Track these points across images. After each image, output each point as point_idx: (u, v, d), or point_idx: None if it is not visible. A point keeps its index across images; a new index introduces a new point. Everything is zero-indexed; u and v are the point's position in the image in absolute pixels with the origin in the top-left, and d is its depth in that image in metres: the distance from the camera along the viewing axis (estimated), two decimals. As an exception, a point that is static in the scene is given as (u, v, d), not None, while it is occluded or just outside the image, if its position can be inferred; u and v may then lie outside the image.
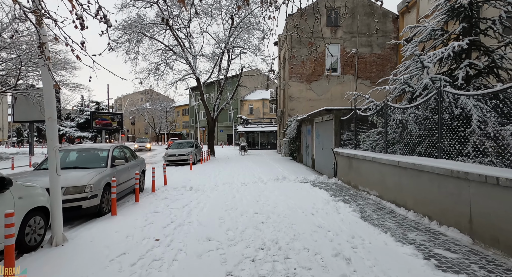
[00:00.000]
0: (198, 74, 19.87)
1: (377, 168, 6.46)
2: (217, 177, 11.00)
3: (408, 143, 5.88)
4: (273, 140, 37.51)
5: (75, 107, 45.47)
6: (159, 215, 5.61)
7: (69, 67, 20.54)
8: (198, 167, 14.39)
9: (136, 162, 7.99)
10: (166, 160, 16.13)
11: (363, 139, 8.06)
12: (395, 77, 6.48)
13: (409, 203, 5.17)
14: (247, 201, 6.68)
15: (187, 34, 19.46)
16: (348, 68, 20.78)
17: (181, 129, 65.58)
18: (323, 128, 11.24)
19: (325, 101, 19.91)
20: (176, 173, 12.55)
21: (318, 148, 12.15)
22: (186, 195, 7.51)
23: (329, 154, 10.41)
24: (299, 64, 20.66)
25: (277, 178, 9.71)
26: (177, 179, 10.46)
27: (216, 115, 20.99)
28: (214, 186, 8.79)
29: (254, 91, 52.99)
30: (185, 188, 8.41)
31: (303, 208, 5.74)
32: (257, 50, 19.27)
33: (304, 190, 7.75)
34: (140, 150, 31.47)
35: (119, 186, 6.55)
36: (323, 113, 10.29)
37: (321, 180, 9.57)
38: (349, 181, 8.39)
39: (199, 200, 6.89)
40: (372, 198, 6.49)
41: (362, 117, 8.16)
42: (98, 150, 6.79)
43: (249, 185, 8.84)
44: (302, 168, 13.51)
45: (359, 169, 7.56)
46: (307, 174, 11.23)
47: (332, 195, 7.02)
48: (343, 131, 9.53)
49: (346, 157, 8.61)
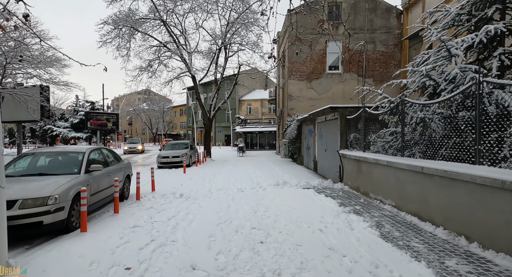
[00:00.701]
0: (193, 72, 18.98)
1: (393, 174, 5.60)
2: (211, 181, 10.11)
3: (431, 145, 5.03)
4: (272, 141, 36.65)
5: (70, 107, 44.41)
6: (138, 230, 4.72)
7: (58, 65, 19.58)
8: (193, 170, 13.50)
9: (119, 167, 7.10)
10: (159, 162, 15.24)
11: (373, 140, 7.20)
12: (415, 69, 5.64)
13: (437, 218, 4.31)
14: (244, 212, 5.81)
15: (182, 30, 18.58)
16: (350, 65, 19.97)
17: (179, 130, 64.64)
18: (327, 128, 10.39)
19: (326, 100, 19.06)
20: (169, 176, 11.67)
21: (321, 149, 11.29)
22: (175, 204, 6.62)
23: (333, 157, 9.56)
24: (299, 61, 19.83)
25: (277, 183, 8.84)
26: (168, 184, 9.58)
27: (212, 114, 20.10)
28: (207, 193, 7.90)
29: (253, 91, 52.17)
30: (174, 195, 7.52)
31: (309, 222, 4.87)
32: (256, 46, 18.41)
33: (308, 198, 6.88)
34: (130, 153, 28.63)
35: (96, 195, 5.66)
36: (327, 111, 9.45)
37: (325, 185, 8.71)
38: (357, 187, 7.52)
39: (188, 211, 6.01)
40: (388, 209, 5.63)
41: (372, 116, 7.31)
42: (71, 154, 5.89)
43: (247, 192, 7.97)
44: (303, 171, 12.65)
45: (370, 174, 6.70)
46: (309, 178, 10.36)
47: (341, 204, 6.15)
48: (350, 131, 8.68)
49: (354, 160, 7.75)
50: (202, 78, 19.66)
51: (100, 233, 4.59)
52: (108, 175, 6.24)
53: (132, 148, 28.84)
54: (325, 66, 20.02)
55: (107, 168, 6.41)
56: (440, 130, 4.92)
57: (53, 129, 39.20)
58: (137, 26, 16.29)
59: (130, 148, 28.83)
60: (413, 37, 16.87)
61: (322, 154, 11.01)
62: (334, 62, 20.18)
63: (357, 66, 20.02)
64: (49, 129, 39.24)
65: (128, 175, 7.68)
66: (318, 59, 19.94)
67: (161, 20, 16.93)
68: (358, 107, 8.70)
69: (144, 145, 32.09)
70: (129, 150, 28.55)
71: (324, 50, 19.91)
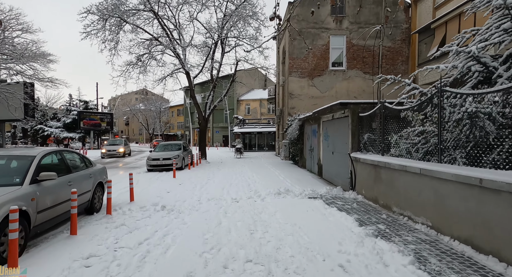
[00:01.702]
0: (188, 68, 17.73)
1: (429, 185, 4.37)
2: (203, 188, 8.86)
3: (484, 148, 3.80)
4: (271, 142, 35.41)
5: (63, 106, 43.06)
6: (93, 264, 3.47)
7: (43, 60, 18.29)
8: (184, 174, 12.24)
9: (87, 173, 5.83)
10: (149, 165, 13.97)
11: (395, 142, 5.98)
12: (460, 49, 4.43)
13: (507, 251, 3.07)
14: (237, 232, 4.56)
15: (176, 24, 17.32)
16: (354, 62, 18.78)
17: (176, 130, 63.34)
18: (334, 127, 9.16)
19: (329, 98, 17.84)
20: (156, 182, 10.41)
21: (326, 152, 10.06)
22: (153, 220, 5.36)
23: (342, 160, 8.33)
24: (300, 58, 18.61)
25: (279, 191, 7.59)
26: (152, 192, 8.31)
27: (208, 113, 18.84)
28: (195, 204, 6.64)
29: (251, 90, 50.98)
30: (155, 207, 6.25)
31: (325, 252, 3.63)
32: (254, 39, 17.16)
33: (317, 212, 5.63)
34: (110, 156, 22.80)
35: (49, 211, 4.40)
36: (335, 108, 8.21)
37: (335, 194, 7.47)
38: (375, 198, 6.29)
39: (168, 230, 4.76)
40: (422, 230, 4.39)
41: (392, 113, 6.09)
42: (16, 158, 4.63)
43: (242, 202, 6.71)
44: (306, 175, 11.41)
45: (394, 183, 5.47)
46: (314, 184, 9.12)
47: (360, 222, 4.91)
48: (363, 131, 7.46)
49: (369, 165, 6.52)
50: (197, 74, 18.42)
51: (36, 270, 3.33)
52: (68, 185, 4.97)
53: (112, 151, 22.88)
54: (328, 62, 18.82)
55: (68, 175, 5.14)
56: (493, 129, 3.71)
57: (45, 129, 37.89)
58: (126, 18, 15.03)
59: (108, 151, 22.83)
60: (423, 31, 15.69)
61: (329, 157, 9.78)
62: (338, 58, 18.99)
63: (362, 62, 18.84)
64: (40, 129, 37.91)
65: (101, 183, 6.41)
66: (320, 55, 18.74)
67: (152, 12, 15.69)
68: (373, 103, 7.49)
69: (129, 147, 26.09)
70: (108, 154, 22.65)
71: (327, 46, 18.71)
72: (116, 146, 23.87)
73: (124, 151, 23.53)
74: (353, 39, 18.60)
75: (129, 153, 25.43)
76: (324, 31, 18.67)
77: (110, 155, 22.64)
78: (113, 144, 24.69)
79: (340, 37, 18.80)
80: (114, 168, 15.50)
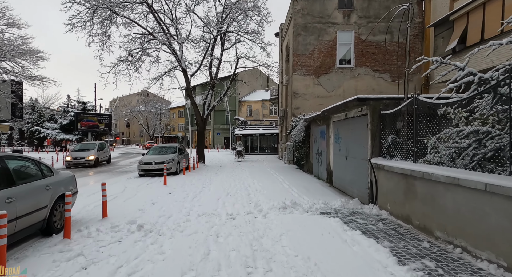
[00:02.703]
0: (185, 65, 16.55)
1: (498, 207, 3.09)
2: (195, 198, 7.60)
3: None
4: (273, 144, 34.12)
5: (60, 107, 42.08)
6: None
7: (31, 57, 17.19)
8: (178, 180, 10.99)
9: (42, 184, 4.60)
10: (140, 169, 12.73)
11: (432, 146, 4.70)
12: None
13: None
14: (229, 271, 3.29)
15: (173, 19, 16.17)
16: (363, 59, 17.52)
17: (177, 132, 62.28)
18: (348, 128, 7.89)
19: (336, 98, 16.56)
20: (145, 189, 9.18)
21: (338, 156, 8.78)
22: (122, 247, 4.11)
23: (359, 167, 7.05)
24: (305, 54, 17.38)
25: (284, 204, 6.31)
26: (135, 203, 7.06)
27: (206, 114, 17.63)
28: (182, 222, 5.38)
29: (253, 92, 49.87)
30: (131, 227, 5.00)
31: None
32: (256, 35, 15.94)
33: (335, 237, 4.34)
34: (76, 165, 16.56)
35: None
36: (351, 105, 6.93)
37: (352, 208, 6.19)
38: (406, 217, 4.99)
39: (136, 265, 3.50)
40: (492, 271, 3.10)
41: (427, 109, 4.84)
42: None
43: (240, 219, 5.44)
44: (314, 182, 10.12)
45: (436, 199, 4.18)
46: (325, 194, 7.84)
47: (398, 256, 3.63)
48: (385, 132, 6.18)
49: (398, 175, 5.23)
50: (194, 72, 17.20)
51: None
52: (7, 202, 3.73)
53: (79, 159, 16.43)
54: (335, 59, 17.55)
55: (9, 189, 3.91)
56: None
57: (41, 131, 36.86)
58: (118, 11, 13.88)
59: (75, 158, 16.46)
60: (440, 24, 14.41)
61: (341, 162, 8.49)
62: (346, 55, 17.73)
63: (371, 59, 17.57)
64: (36, 131, 36.90)
65: (62, 196, 5.13)
66: (327, 52, 17.49)
67: (146, 4, 14.55)
68: (398, 99, 6.22)
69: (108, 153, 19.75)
70: (74, 162, 16.42)
71: (333, 42, 17.46)
72: (85, 152, 17.16)
73: (95, 159, 16.96)
74: (362, 35, 17.37)
75: (108, 160, 19.72)
76: (331, 26, 17.44)
77: (76, 163, 16.45)
78: (83, 149, 17.99)
79: (348, 32, 17.56)
80: (103, 173, 14.29)
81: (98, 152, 17.62)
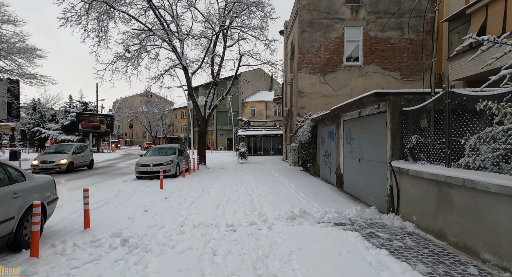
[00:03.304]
0: (186, 63, 15.88)
1: None
2: (193, 205, 6.87)
3: None
4: (277, 146, 33.34)
5: (62, 107, 41.70)
6: None
7: (28, 55, 16.64)
8: (176, 183, 10.28)
9: (8, 191, 3.89)
10: (138, 171, 12.05)
11: (472, 147, 3.92)
12: None
13: None
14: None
15: (173, 15, 15.52)
16: (372, 56, 16.71)
17: (180, 133, 61.80)
18: (362, 127, 7.12)
19: (344, 97, 15.76)
20: (140, 194, 8.49)
21: (350, 158, 8.00)
22: (98, 270, 3.39)
23: (375, 170, 6.28)
24: (311, 51, 16.63)
25: (292, 213, 5.55)
26: (125, 210, 6.35)
27: (208, 114, 16.93)
28: (175, 234, 4.65)
29: (257, 92, 49.21)
30: (114, 242, 4.27)
31: None
32: (260, 31, 15.22)
33: (357, 257, 3.58)
34: (45, 171, 13.36)
35: None
36: (367, 102, 6.17)
37: (369, 218, 5.42)
38: (439, 231, 4.20)
39: (110, 296, 2.78)
40: None
41: (460, 104, 4.08)
42: None
43: (241, 232, 4.70)
44: (322, 186, 9.35)
45: (482, 213, 3.41)
46: (336, 200, 7.07)
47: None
48: (407, 131, 5.41)
49: (427, 181, 4.46)
50: (195, 70, 16.52)
51: None
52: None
53: (48, 163, 13.74)
54: (342, 57, 16.78)
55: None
56: None
57: (42, 131, 36.45)
58: (116, 5, 13.25)
59: (43, 162, 13.76)
60: (455, 18, 13.58)
61: (353, 165, 7.71)
62: (353, 52, 16.94)
63: (381, 56, 16.77)
64: (37, 131, 36.50)
65: (31, 206, 4.41)
66: (334, 49, 16.72)
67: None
68: (422, 93, 5.45)
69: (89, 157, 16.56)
70: (41, 167, 13.58)
71: (341, 38, 16.69)
72: (57, 155, 14.26)
73: (68, 163, 14.04)
74: (370, 31, 16.59)
75: (89, 165, 16.56)
76: (338, 22, 16.68)
77: (45, 170, 13.40)
78: (56, 151, 14.90)
79: (356, 28, 16.78)
80: (100, 175, 13.64)
81: (73, 156, 14.67)
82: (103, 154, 33.59)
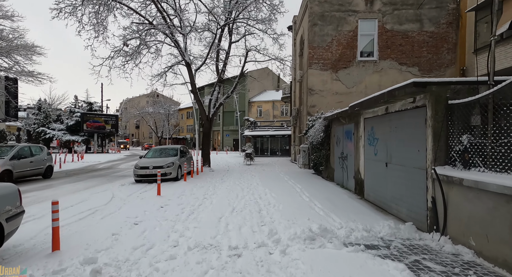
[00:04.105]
0: (189, 59, 14.98)
1: None
2: (191, 216, 5.89)
3: None
4: (285, 146, 32.25)
5: (67, 107, 41.37)
6: None
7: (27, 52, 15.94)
8: (177, 188, 9.33)
9: None
10: (136, 174, 11.16)
11: None
12: None
13: None
14: None
15: (176, 8, 14.64)
16: (388, 51, 15.54)
17: (186, 133, 61.17)
18: (391, 125, 6.04)
19: (357, 94, 14.69)
20: (135, 200, 7.56)
21: (373, 162, 6.92)
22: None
23: (409, 177, 5.19)
24: (323, 46, 15.55)
25: (310, 232, 4.48)
26: (111, 223, 5.40)
27: (212, 113, 15.99)
28: (164, 259, 3.66)
29: (264, 92, 48.24)
30: (84, 271, 3.31)
31: None
32: (268, 24, 14.22)
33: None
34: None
35: None
36: (399, 94, 5.08)
37: (407, 239, 4.34)
38: (513, 263, 3.12)
39: None
40: None
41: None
42: None
43: (247, 258, 3.67)
44: (339, 193, 8.26)
45: None
46: (359, 211, 6.00)
47: None
48: (454, 130, 4.32)
49: (495, 196, 3.38)
50: (199, 66, 15.61)
51: None
52: None
53: None
54: (355, 51, 15.66)
55: None
56: None
57: (46, 132, 36.09)
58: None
59: None
60: (483, 7, 12.36)
61: (378, 170, 6.63)
62: (368, 47, 15.79)
63: (397, 51, 15.58)
64: (42, 132, 36.15)
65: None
66: (346, 43, 15.61)
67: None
68: (476, 82, 4.36)
69: (42, 161, 12.24)
70: None
71: (354, 32, 15.57)
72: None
73: (2, 172, 10.01)
74: (386, 24, 15.44)
75: (44, 174, 12.36)
76: (352, 14, 15.56)
77: None
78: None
79: (370, 21, 15.64)
80: (97, 178, 12.80)
81: (11, 162, 10.62)
82: (106, 155, 32.98)
